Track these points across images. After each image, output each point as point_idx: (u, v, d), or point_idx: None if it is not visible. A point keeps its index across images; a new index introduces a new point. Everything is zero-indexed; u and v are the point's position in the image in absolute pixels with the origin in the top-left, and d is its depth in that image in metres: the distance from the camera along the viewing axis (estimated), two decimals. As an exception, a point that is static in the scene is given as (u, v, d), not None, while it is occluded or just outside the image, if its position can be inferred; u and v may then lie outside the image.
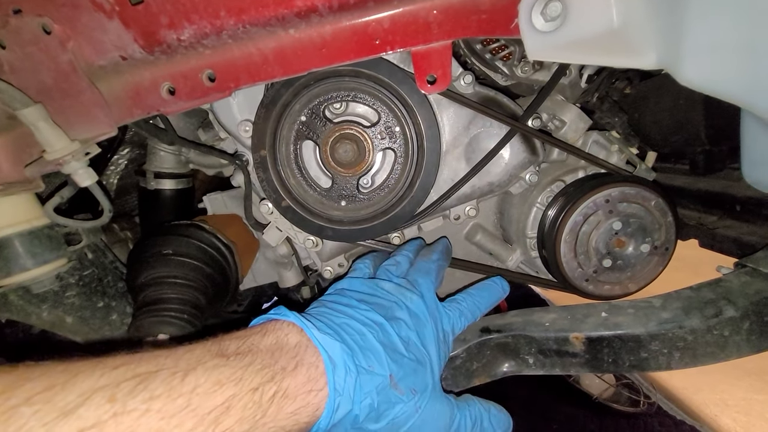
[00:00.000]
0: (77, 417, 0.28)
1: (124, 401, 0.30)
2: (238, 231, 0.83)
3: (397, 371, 0.46)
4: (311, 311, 0.50)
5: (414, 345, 0.50)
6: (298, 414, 0.38)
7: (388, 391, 0.44)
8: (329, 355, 0.41)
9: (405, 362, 0.47)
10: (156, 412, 0.30)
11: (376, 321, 0.49)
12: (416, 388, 0.47)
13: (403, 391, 0.46)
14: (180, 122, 0.83)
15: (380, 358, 0.45)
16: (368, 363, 0.44)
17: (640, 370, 0.57)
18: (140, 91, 0.54)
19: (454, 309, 0.58)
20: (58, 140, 0.52)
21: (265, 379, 0.37)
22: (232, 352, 0.38)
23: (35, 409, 0.28)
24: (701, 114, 0.71)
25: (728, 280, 0.59)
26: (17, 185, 0.57)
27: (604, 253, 0.66)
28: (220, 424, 0.33)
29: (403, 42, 0.52)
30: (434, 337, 0.53)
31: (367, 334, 0.46)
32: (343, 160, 0.63)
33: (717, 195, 0.83)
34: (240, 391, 0.35)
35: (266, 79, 0.54)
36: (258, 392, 0.36)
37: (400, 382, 0.46)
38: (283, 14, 0.49)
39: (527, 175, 0.69)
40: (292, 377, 0.39)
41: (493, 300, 0.63)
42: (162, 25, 0.49)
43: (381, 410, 0.44)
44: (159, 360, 0.35)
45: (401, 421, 0.46)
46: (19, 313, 0.68)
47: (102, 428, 0.28)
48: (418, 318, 0.53)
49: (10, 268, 0.62)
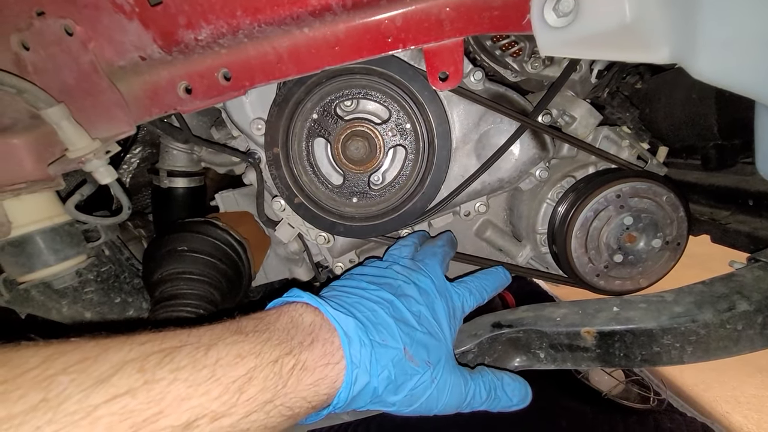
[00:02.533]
0: (111, 384, 0.30)
1: (153, 371, 0.32)
2: (249, 228, 0.85)
3: (411, 344, 0.47)
4: (324, 294, 0.51)
5: (425, 319, 0.51)
6: (317, 386, 0.39)
7: (404, 363, 0.46)
8: (344, 330, 0.43)
9: (417, 335, 0.49)
10: (183, 381, 0.32)
11: (386, 299, 0.50)
12: (431, 360, 0.49)
13: (419, 363, 0.47)
14: (193, 121, 0.84)
15: (393, 332, 0.46)
16: (381, 337, 0.45)
17: (652, 364, 0.57)
18: (158, 91, 0.55)
19: (462, 287, 0.59)
20: (80, 139, 0.53)
21: (283, 353, 0.39)
22: (250, 330, 0.40)
23: (72, 378, 0.30)
24: (713, 108, 0.71)
25: (741, 274, 0.59)
26: (40, 183, 0.59)
27: (615, 248, 0.66)
28: (244, 393, 0.34)
29: (415, 39, 0.53)
30: (445, 311, 0.54)
31: (379, 310, 0.48)
32: (354, 157, 0.64)
33: (729, 190, 0.82)
34: (260, 363, 0.36)
35: (280, 77, 0.55)
36: (278, 364, 0.37)
37: (415, 354, 0.47)
38: (298, 13, 0.50)
39: (537, 171, 0.70)
40: (309, 351, 0.40)
41: (498, 285, 0.64)
42: (180, 25, 0.50)
43: (399, 382, 0.45)
44: (182, 337, 0.36)
45: (419, 392, 0.47)
46: (40, 308, 0.70)
47: (135, 394, 0.30)
48: (428, 294, 0.54)
49: (32, 264, 0.63)
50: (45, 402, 0.28)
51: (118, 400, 0.30)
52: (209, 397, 0.33)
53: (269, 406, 0.36)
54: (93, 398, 0.29)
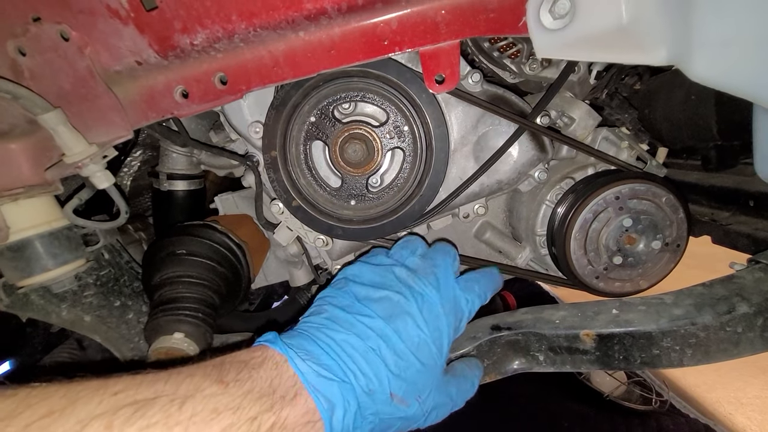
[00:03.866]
0: None
1: (121, 428, 0.30)
2: (249, 231, 0.85)
3: (400, 386, 0.45)
4: (308, 327, 0.48)
5: (423, 345, 0.48)
6: None
7: (391, 406, 0.44)
8: (326, 398, 0.40)
9: (409, 373, 0.47)
10: None
11: (378, 331, 0.47)
12: (421, 394, 0.47)
13: (408, 403, 0.46)
14: (192, 124, 0.84)
15: (381, 376, 0.44)
16: (369, 385, 0.43)
17: (652, 367, 0.57)
18: (155, 95, 0.55)
19: (471, 293, 0.56)
20: (76, 144, 0.53)
21: (263, 408, 0.37)
22: (231, 378, 0.38)
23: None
24: (713, 109, 0.70)
25: (741, 276, 0.59)
26: (38, 188, 0.59)
27: (615, 250, 0.66)
28: None
29: (411, 42, 0.53)
30: (449, 327, 0.51)
31: (368, 353, 0.45)
32: (352, 160, 0.64)
33: (730, 191, 0.82)
34: (238, 420, 0.35)
35: (277, 81, 0.55)
36: (256, 422, 0.36)
37: (405, 395, 0.45)
38: (293, 17, 0.50)
39: (536, 172, 0.69)
40: (291, 407, 0.38)
41: (496, 286, 0.63)
42: (176, 30, 0.50)
43: (385, 425, 0.45)
44: (158, 386, 0.35)
45: (408, 423, 0.47)
46: (39, 312, 0.70)
47: None
48: (431, 311, 0.51)
49: (31, 269, 0.63)
50: None
51: None
52: None
53: None
54: None
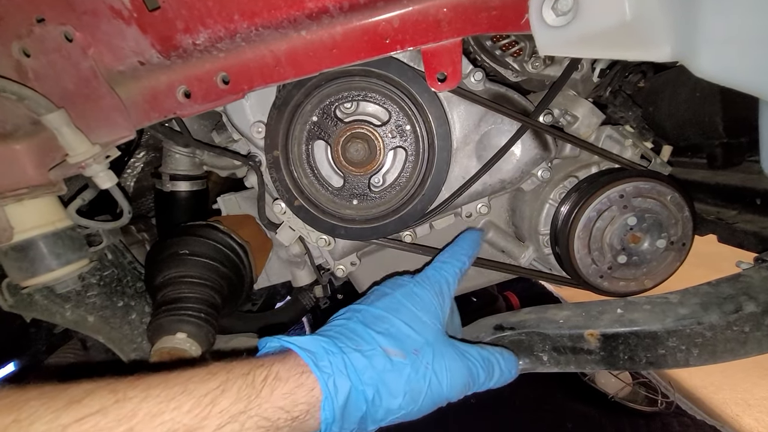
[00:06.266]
0: (83, 405, 0.31)
1: (125, 391, 0.33)
2: (251, 231, 0.85)
3: (389, 340, 0.46)
4: None
5: (402, 307, 0.51)
6: (294, 394, 0.39)
7: (387, 360, 0.44)
8: (301, 347, 0.43)
9: (395, 329, 0.48)
10: (154, 398, 0.33)
11: (354, 309, 0.51)
12: (417, 347, 0.47)
13: (405, 354, 0.46)
14: (194, 125, 0.84)
15: (364, 335, 0.46)
16: (354, 344, 0.45)
17: (657, 367, 0.56)
18: (157, 95, 0.55)
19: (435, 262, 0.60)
20: (80, 144, 0.53)
21: (255, 366, 0.39)
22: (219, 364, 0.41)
23: (43, 402, 0.31)
24: (718, 106, 0.70)
25: (748, 275, 0.58)
26: (41, 188, 0.59)
27: (619, 249, 0.65)
28: (216, 405, 0.35)
29: (413, 40, 0.53)
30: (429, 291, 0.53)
31: (346, 322, 0.48)
32: (354, 159, 0.64)
33: (736, 189, 0.81)
34: (232, 376, 0.37)
35: (279, 80, 0.55)
36: (250, 376, 0.38)
37: (398, 347, 0.46)
38: (294, 16, 0.50)
39: (539, 171, 0.69)
40: (281, 363, 0.41)
41: (472, 245, 0.64)
42: (178, 30, 0.50)
43: (389, 381, 0.44)
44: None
45: (418, 384, 0.45)
46: (43, 312, 0.71)
47: (106, 413, 0.31)
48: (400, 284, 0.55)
49: (35, 269, 0.64)
50: (16, 423, 0.29)
51: (89, 419, 0.31)
52: (181, 411, 0.33)
53: (243, 416, 0.36)
54: (63, 419, 0.30)
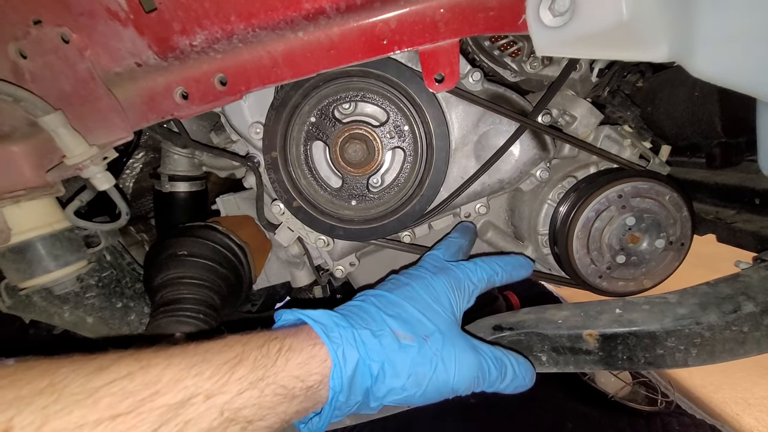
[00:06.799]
0: (111, 371, 0.34)
1: (149, 359, 0.36)
2: (250, 232, 0.85)
3: (399, 323, 0.47)
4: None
5: (416, 295, 0.52)
6: (308, 364, 0.41)
7: (394, 340, 0.45)
8: (314, 319, 0.45)
9: (406, 313, 0.49)
10: (176, 365, 0.36)
11: (370, 293, 0.52)
12: (427, 332, 0.48)
13: (413, 338, 0.46)
14: (193, 125, 0.84)
15: (375, 316, 0.47)
16: (364, 323, 0.46)
17: (656, 367, 0.56)
18: (155, 97, 0.55)
19: (468, 261, 0.59)
20: (77, 146, 0.53)
21: (269, 338, 0.42)
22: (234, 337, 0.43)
23: (74, 368, 0.33)
24: (717, 106, 0.70)
25: (747, 275, 0.58)
26: (39, 190, 0.59)
27: (618, 249, 0.65)
28: (235, 373, 0.37)
29: (410, 41, 0.52)
30: (444, 285, 0.54)
31: (360, 303, 0.50)
32: (352, 160, 0.64)
33: (734, 188, 0.81)
34: (248, 347, 0.40)
35: (276, 81, 0.55)
36: (265, 347, 0.40)
37: (407, 330, 0.47)
38: (291, 17, 0.50)
39: (538, 171, 0.69)
40: (294, 336, 0.43)
41: (515, 269, 0.63)
42: (175, 31, 0.50)
43: (395, 360, 0.45)
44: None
45: (423, 368, 0.45)
46: (42, 313, 0.71)
47: (132, 378, 0.34)
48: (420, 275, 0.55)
49: (33, 270, 0.64)
50: (51, 386, 0.31)
51: (117, 383, 0.33)
52: (202, 378, 0.36)
53: (262, 383, 0.38)
54: (94, 382, 0.32)
